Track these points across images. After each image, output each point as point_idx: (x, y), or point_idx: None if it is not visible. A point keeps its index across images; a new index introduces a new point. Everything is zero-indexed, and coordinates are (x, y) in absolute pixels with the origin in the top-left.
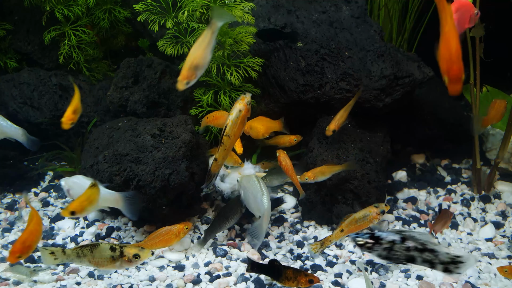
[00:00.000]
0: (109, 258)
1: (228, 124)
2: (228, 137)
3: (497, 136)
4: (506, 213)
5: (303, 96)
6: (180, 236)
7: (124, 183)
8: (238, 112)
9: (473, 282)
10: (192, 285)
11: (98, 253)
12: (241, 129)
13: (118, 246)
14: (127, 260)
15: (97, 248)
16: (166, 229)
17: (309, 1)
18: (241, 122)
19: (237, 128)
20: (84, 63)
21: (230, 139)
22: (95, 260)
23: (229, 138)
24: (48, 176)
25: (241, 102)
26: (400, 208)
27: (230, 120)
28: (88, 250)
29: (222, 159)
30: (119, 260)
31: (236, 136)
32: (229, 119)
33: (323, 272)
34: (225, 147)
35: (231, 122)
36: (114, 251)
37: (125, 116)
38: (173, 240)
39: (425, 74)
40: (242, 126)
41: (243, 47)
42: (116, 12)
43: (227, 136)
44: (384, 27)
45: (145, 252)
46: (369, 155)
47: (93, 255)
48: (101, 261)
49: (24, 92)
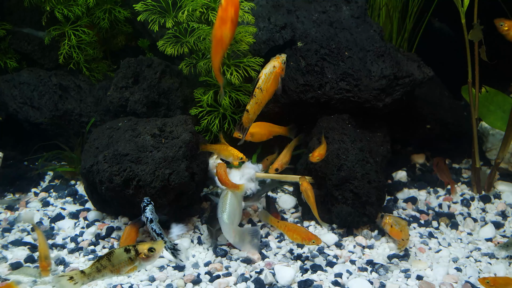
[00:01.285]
0: (127, 261)
1: (261, 77)
2: (260, 90)
3: (497, 136)
4: (506, 213)
5: (303, 96)
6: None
7: (124, 183)
8: (272, 67)
9: (473, 282)
10: (192, 285)
11: (116, 259)
12: (274, 86)
13: (131, 246)
14: (144, 257)
15: (113, 255)
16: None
17: (309, 1)
18: (274, 79)
19: (270, 83)
20: (84, 63)
21: (263, 93)
22: (115, 268)
23: (262, 91)
24: (48, 176)
25: (276, 60)
26: (400, 208)
27: (263, 73)
28: (105, 260)
29: (253, 113)
30: (137, 259)
31: (269, 92)
32: (262, 72)
33: (323, 272)
34: (257, 100)
35: (264, 75)
36: (129, 252)
37: (125, 116)
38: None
39: (425, 74)
40: (275, 83)
41: (243, 47)
42: (116, 12)
43: (259, 89)
44: (384, 27)
45: (159, 244)
46: (369, 155)
47: (112, 264)
48: (121, 266)
49: (24, 92)
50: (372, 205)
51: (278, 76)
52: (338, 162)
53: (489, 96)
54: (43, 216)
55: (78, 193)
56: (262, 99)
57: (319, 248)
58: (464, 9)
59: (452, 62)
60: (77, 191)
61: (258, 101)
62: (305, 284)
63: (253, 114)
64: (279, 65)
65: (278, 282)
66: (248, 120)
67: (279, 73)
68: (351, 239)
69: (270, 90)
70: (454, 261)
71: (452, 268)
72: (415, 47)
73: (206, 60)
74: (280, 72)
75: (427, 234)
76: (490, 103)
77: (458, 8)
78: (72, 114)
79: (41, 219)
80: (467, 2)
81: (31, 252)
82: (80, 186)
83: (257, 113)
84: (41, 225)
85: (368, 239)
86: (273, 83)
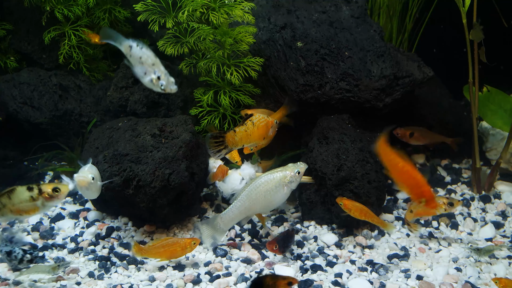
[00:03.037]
0: (28, 199)
1: (255, 115)
2: (252, 123)
3: (497, 136)
4: (506, 213)
5: (303, 96)
6: (186, 251)
7: (124, 183)
8: (266, 116)
9: (473, 282)
10: (192, 285)
11: (16, 197)
12: (263, 130)
13: (35, 184)
14: (47, 196)
15: (14, 192)
16: (173, 240)
17: (309, 1)
18: (265, 126)
19: (261, 125)
20: (84, 63)
21: (253, 127)
22: (16, 207)
23: (253, 125)
24: (48, 176)
25: (270, 117)
26: (400, 208)
27: (258, 115)
28: (5, 197)
29: (240, 139)
30: (39, 198)
31: (259, 129)
32: (258, 114)
33: (323, 272)
34: (247, 129)
35: (259, 116)
36: (32, 191)
37: (125, 116)
38: (178, 254)
39: (425, 74)
40: (265, 129)
41: (243, 47)
42: (116, 12)
43: (251, 122)
44: (384, 27)
45: (64, 186)
46: (369, 155)
47: (12, 202)
48: (22, 205)
49: (24, 92)
50: (372, 205)
51: (269, 127)
52: (338, 162)
53: (490, 96)
54: (43, 216)
55: (78, 193)
56: (251, 133)
57: (319, 248)
58: (465, 9)
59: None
60: (77, 191)
61: (248, 131)
62: (305, 284)
63: (239, 140)
64: (272, 120)
65: None
66: (232, 142)
67: (270, 125)
68: (351, 239)
69: (260, 131)
70: (454, 261)
71: (452, 268)
72: (415, 47)
73: (206, 60)
74: (271, 124)
75: (427, 234)
76: (491, 103)
77: (459, 8)
78: (72, 114)
79: (41, 219)
80: (468, 2)
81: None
82: None
83: (243, 144)
84: (41, 225)
85: (368, 239)
86: (264, 127)
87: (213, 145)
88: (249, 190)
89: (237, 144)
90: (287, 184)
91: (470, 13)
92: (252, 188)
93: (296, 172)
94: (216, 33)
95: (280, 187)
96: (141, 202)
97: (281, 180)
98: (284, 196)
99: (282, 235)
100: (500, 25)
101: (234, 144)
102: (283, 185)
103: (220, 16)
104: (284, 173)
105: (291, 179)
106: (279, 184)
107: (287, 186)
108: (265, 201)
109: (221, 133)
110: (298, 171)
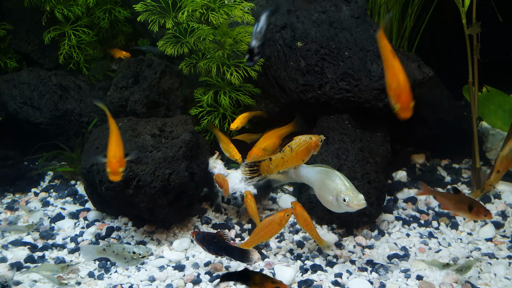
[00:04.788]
0: None
1: (295, 139)
2: (290, 149)
3: (497, 136)
4: (506, 213)
5: (303, 96)
6: (282, 224)
7: (124, 183)
8: (309, 138)
9: (473, 282)
10: (192, 285)
11: None
12: (303, 154)
13: None
14: None
15: None
16: (268, 221)
17: (309, 1)
18: (307, 148)
19: (301, 149)
20: (84, 63)
21: (292, 153)
22: None
23: (291, 151)
24: (48, 176)
25: (314, 136)
26: (400, 208)
27: (299, 137)
28: None
29: (275, 166)
30: None
31: (298, 155)
32: (298, 137)
33: (323, 272)
34: (284, 156)
35: (299, 139)
36: None
37: (125, 116)
38: (277, 230)
39: (425, 74)
40: (306, 153)
41: (243, 47)
42: (116, 12)
43: (290, 148)
44: (384, 27)
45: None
46: (369, 155)
47: None
48: None
49: (24, 92)
50: (372, 205)
51: (311, 149)
52: (338, 162)
53: (490, 96)
54: (43, 216)
55: (78, 193)
56: (289, 159)
57: (319, 248)
58: (465, 9)
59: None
60: (77, 191)
61: (285, 157)
62: (305, 284)
63: (274, 167)
64: (315, 140)
65: None
66: (267, 170)
67: (313, 146)
68: (351, 239)
69: (299, 156)
70: (454, 261)
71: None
72: (415, 47)
73: (206, 60)
74: (314, 145)
75: (427, 234)
76: (491, 103)
77: (459, 8)
78: (72, 114)
79: (41, 219)
80: (467, 2)
81: (31, 252)
82: (80, 186)
83: (279, 170)
84: (41, 225)
85: (368, 239)
86: (304, 150)
87: (248, 173)
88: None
89: (272, 171)
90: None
91: (469, 14)
92: None
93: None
94: (216, 33)
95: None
96: (141, 202)
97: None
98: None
99: (209, 234)
100: (501, 25)
101: (269, 172)
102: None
103: (219, 17)
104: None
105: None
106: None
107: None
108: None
109: (256, 163)
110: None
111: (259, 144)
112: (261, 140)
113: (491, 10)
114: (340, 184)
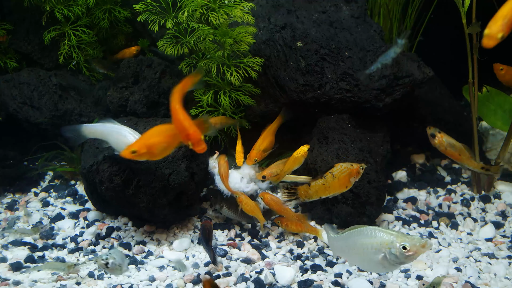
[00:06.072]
0: None
1: (337, 166)
2: (332, 176)
3: (497, 136)
4: (506, 213)
5: (303, 96)
6: (300, 160)
7: (124, 183)
8: (350, 165)
9: (473, 282)
10: (192, 285)
11: None
12: (344, 181)
13: None
14: None
15: None
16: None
17: (309, 1)
18: (348, 175)
19: (343, 176)
20: (84, 63)
21: (334, 180)
22: None
23: (333, 178)
24: (48, 176)
25: (356, 164)
26: (400, 208)
27: (340, 164)
28: None
29: (315, 192)
30: None
31: (340, 181)
32: (340, 163)
33: (323, 272)
34: (325, 183)
35: (341, 167)
36: None
37: (125, 116)
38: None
39: (425, 74)
40: (347, 179)
41: (243, 47)
42: (116, 12)
43: (332, 174)
44: (384, 27)
45: None
46: (369, 155)
47: None
48: None
49: (24, 92)
50: (372, 205)
51: (353, 175)
52: (338, 162)
53: (490, 96)
54: (43, 216)
55: (78, 193)
56: (330, 185)
57: (319, 248)
58: (465, 9)
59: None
60: (77, 191)
61: (326, 184)
62: (305, 284)
63: (314, 192)
64: (357, 167)
65: (278, 282)
66: (305, 195)
67: (354, 174)
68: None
69: (341, 182)
70: (454, 261)
71: (452, 268)
72: (415, 47)
73: (206, 60)
74: (355, 173)
75: (427, 234)
76: (491, 103)
77: (459, 8)
78: (72, 114)
79: (41, 219)
80: (468, 2)
81: (31, 252)
82: (80, 186)
83: (320, 196)
84: (41, 225)
85: None
86: (346, 177)
87: (285, 195)
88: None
89: (311, 196)
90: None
91: (469, 14)
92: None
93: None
94: (216, 34)
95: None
96: (141, 202)
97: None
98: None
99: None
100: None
101: (308, 197)
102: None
103: (219, 17)
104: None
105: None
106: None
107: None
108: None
109: (293, 186)
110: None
111: (258, 146)
112: (259, 142)
113: (491, 10)
114: (385, 235)
